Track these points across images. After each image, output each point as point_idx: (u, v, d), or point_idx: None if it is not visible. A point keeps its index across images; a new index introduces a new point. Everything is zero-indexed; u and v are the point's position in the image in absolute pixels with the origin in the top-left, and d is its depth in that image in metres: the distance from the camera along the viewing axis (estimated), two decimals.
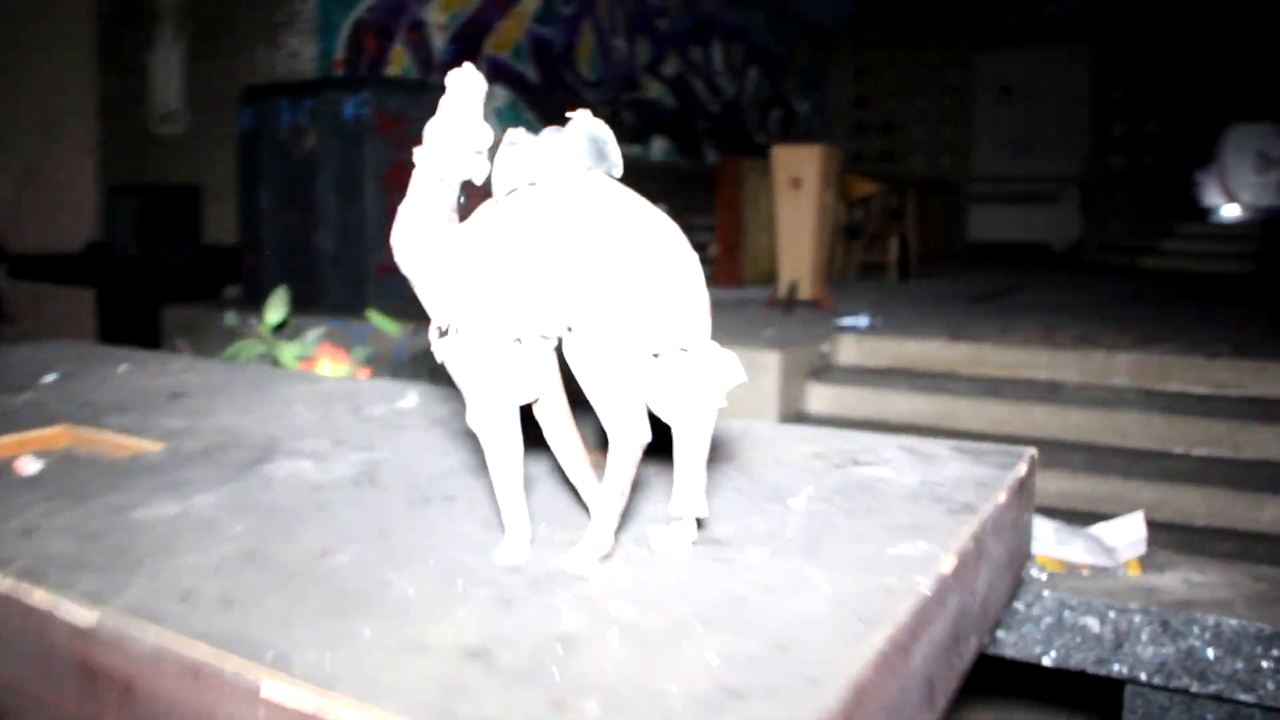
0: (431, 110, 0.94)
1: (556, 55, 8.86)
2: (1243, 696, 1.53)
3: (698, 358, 0.89)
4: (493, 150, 0.95)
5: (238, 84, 7.20)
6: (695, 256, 0.89)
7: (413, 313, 1.43)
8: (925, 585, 0.88)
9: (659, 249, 0.87)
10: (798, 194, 6.02)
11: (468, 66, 0.97)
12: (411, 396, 1.69)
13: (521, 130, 0.93)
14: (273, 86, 6.56)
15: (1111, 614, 1.65)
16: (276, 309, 2.96)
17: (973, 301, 7.45)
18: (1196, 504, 3.91)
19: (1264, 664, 1.56)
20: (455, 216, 0.99)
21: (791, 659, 0.74)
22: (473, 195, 1.01)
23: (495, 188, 0.92)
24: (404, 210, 0.98)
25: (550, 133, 0.91)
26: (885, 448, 1.39)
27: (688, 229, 0.95)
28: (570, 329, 0.90)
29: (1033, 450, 1.37)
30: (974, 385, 5.01)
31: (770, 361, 4.71)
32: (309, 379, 1.89)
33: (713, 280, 7.25)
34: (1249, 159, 9.96)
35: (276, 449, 1.34)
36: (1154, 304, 7.46)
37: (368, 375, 2.58)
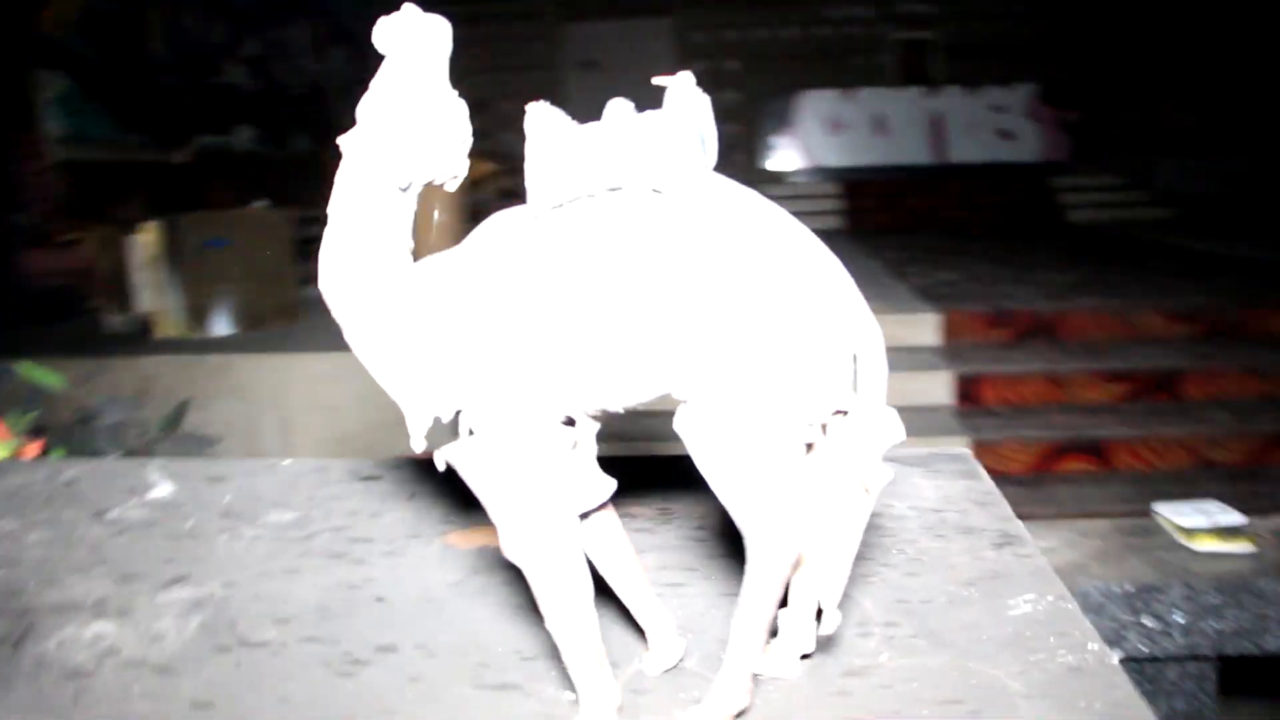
0: None
1: (120, 34, 7.71)
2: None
3: (861, 421, 0.67)
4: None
5: None
6: (852, 282, 0.67)
7: (78, 347, 1.07)
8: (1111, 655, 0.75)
9: (816, 277, 0.64)
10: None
11: (411, 8, 0.67)
12: (160, 481, 1.29)
13: (559, 118, 0.65)
14: None
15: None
16: None
17: None
18: None
19: (1127, 619, 1.61)
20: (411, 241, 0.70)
21: None
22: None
23: (539, 195, 0.64)
24: (337, 234, 0.67)
25: (625, 110, 0.65)
26: None
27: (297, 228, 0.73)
28: (682, 395, 0.65)
29: (966, 449, 1.29)
30: None
31: None
32: None
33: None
34: (821, 123, 11.02)
35: (39, 610, 0.94)
36: None
37: (38, 451, 1.99)
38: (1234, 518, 1.83)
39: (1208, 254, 6.62)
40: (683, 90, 0.64)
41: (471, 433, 0.67)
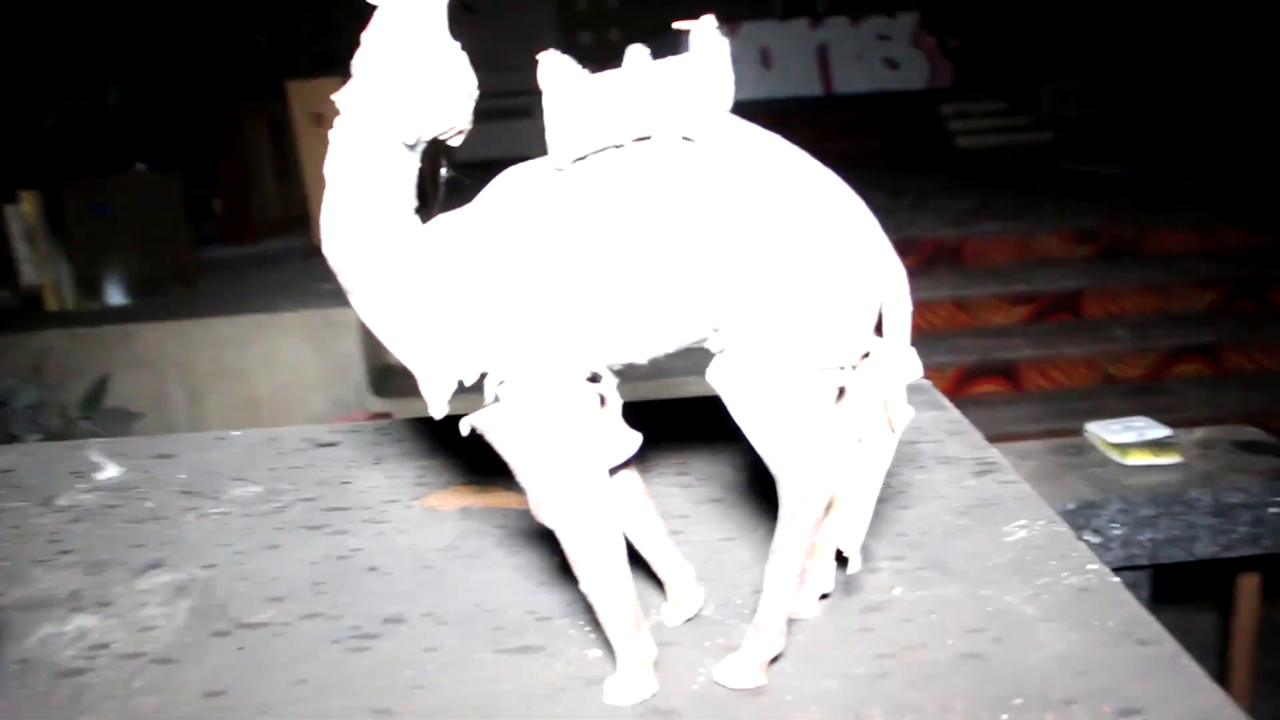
0: None
1: None
2: None
3: (886, 360, 0.67)
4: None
5: None
6: (876, 223, 0.66)
7: None
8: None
9: (845, 220, 0.63)
10: (322, 132, 5.50)
11: None
12: (105, 462, 1.24)
13: (572, 66, 0.63)
14: None
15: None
16: None
17: None
18: None
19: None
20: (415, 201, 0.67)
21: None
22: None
23: (561, 148, 0.61)
24: (339, 196, 0.64)
25: (641, 56, 0.62)
26: None
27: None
28: (716, 343, 0.64)
29: (927, 380, 1.32)
30: None
31: (349, 318, 4.31)
32: None
33: (219, 239, 6.45)
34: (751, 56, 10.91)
35: (9, 607, 0.91)
36: None
37: None
38: (1161, 431, 1.91)
39: (1094, 175, 6.84)
40: (707, 34, 0.62)
41: (498, 396, 0.65)
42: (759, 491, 1.02)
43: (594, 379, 0.66)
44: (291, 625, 0.82)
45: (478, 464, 1.16)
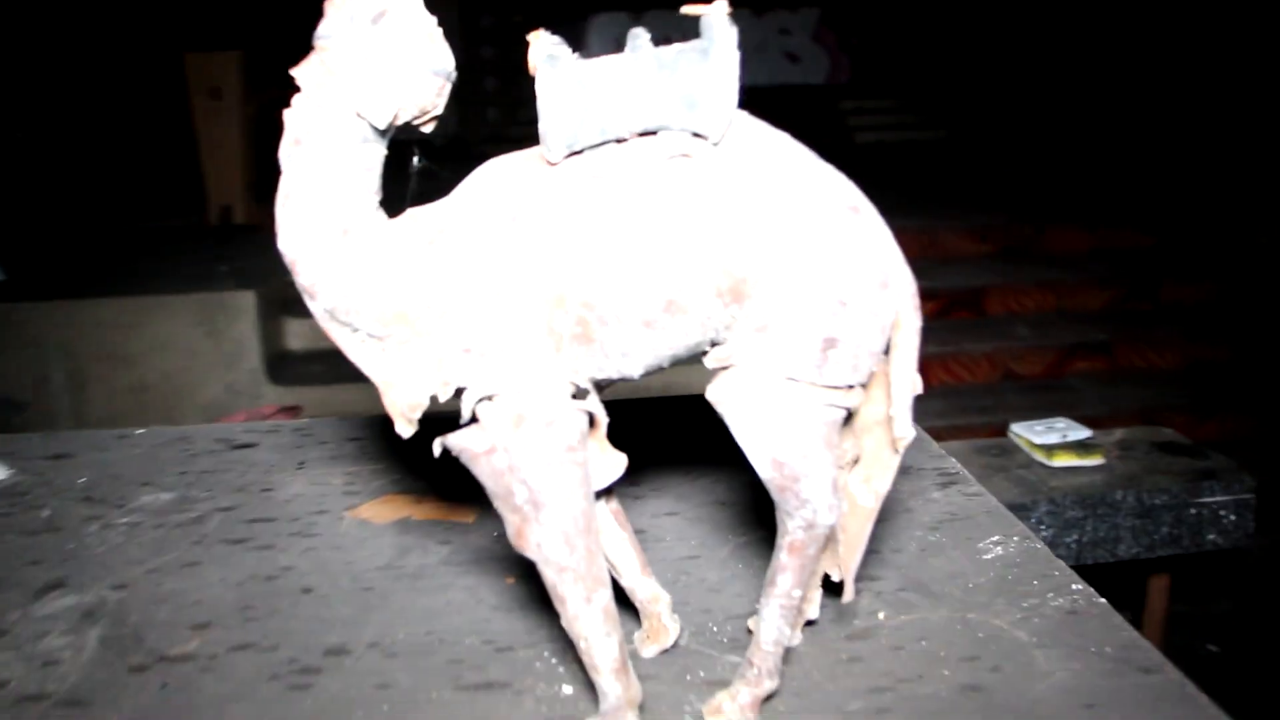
0: None
1: None
2: None
3: (895, 379, 0.62)
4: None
5: None
6: (891, 236, 0.61)
7: None
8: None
9: (867, 231, 0.58)
10: (218, 106, 5.25)
11: None
12: None
13: (565, 50, 0.56)
14: None
15: None
16: None
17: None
18: None
19: None
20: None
21: None
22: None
23: (555, 140, 0.55)
24: (300, 186, 0.56)
25: (643, 41, 0.56)
26: None
27: None
28: (716, 357, 0.58)
29: None
30: None
31: (245, 302, 4.13)
32: None
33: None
34: (611, 46, 10.89)
35: None
36: None
37: None
38: (1083, 432, 1.93)
39: (992, 172, 6.99)
40: (719, 21, 0.55)
41: (475, 415, 0.58)
42: (717, 503, 0.97)
43: (578, 394, 0.59)
44: (220, 658, 0.74)
45: (410, 470, 1.08)
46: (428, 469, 1.08)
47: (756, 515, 0.94)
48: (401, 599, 0.82)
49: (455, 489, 1.03)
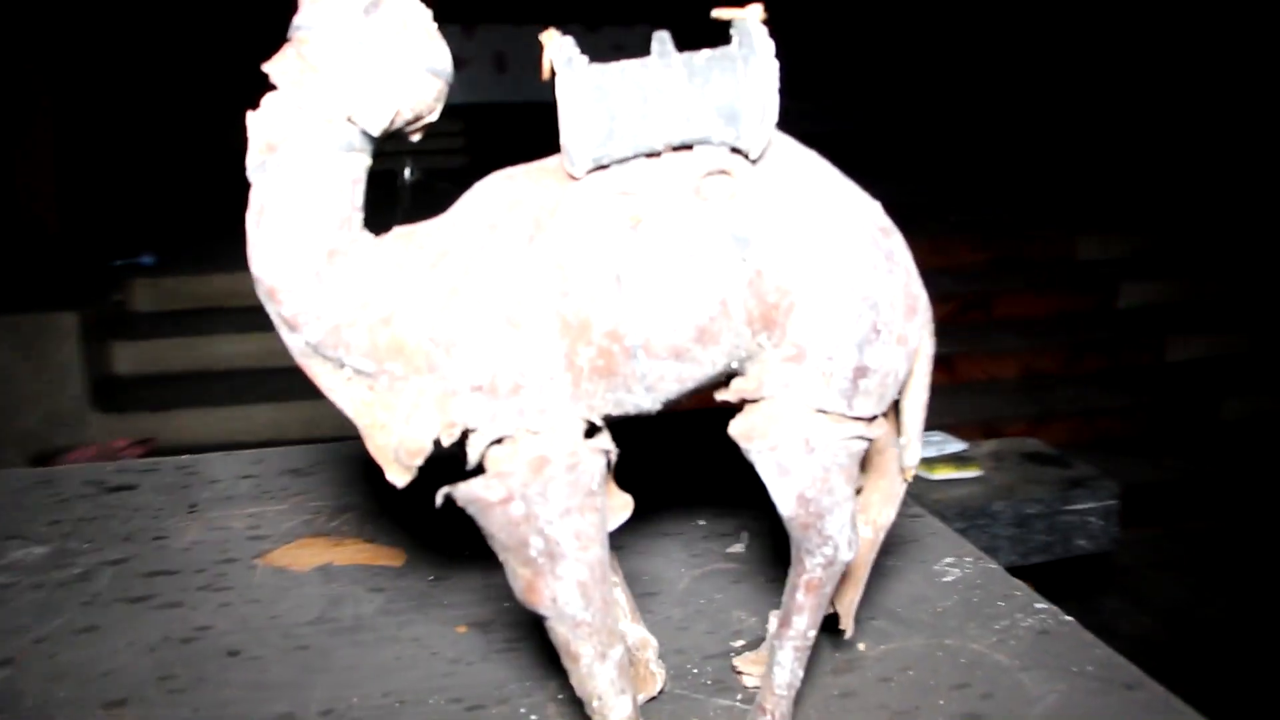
0: None
1: None
2: None
3: (907, 409, 0.60)
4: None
5: None
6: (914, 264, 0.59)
7: None
8: None
9: (898, 262, 0.56)
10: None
11: None
12: None
13: (582, 59, 0.52)
14: None
15: None
16: None
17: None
18: None
19: None
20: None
21: None
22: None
23: (580, 152, 0.50)
24: (278, 201, 0.49)
25: (670, 46, 0.52)
26: None
27: None
28: (737, 389, 0.55)
29: None
30: None
31: (67, 324, 3.83)
32: None
33: None
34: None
35: None
36: None
37: None
38: (959, 445, 1.99)
39: None
40: (756, 27, 0.52)
41: (483, 461, 0.52)
42: (663, 534, 0.93)
43: (591, 432, 0.54)
44: None
45: (320, 509, 1.00)
46: (341, 506, 1.00)
47: (706, 545, 0.91)
48: (344, 657, 0.74)
49: (376, 527, 0.95)
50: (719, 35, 0.55)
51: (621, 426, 0.56)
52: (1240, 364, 4.29)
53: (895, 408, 0.61)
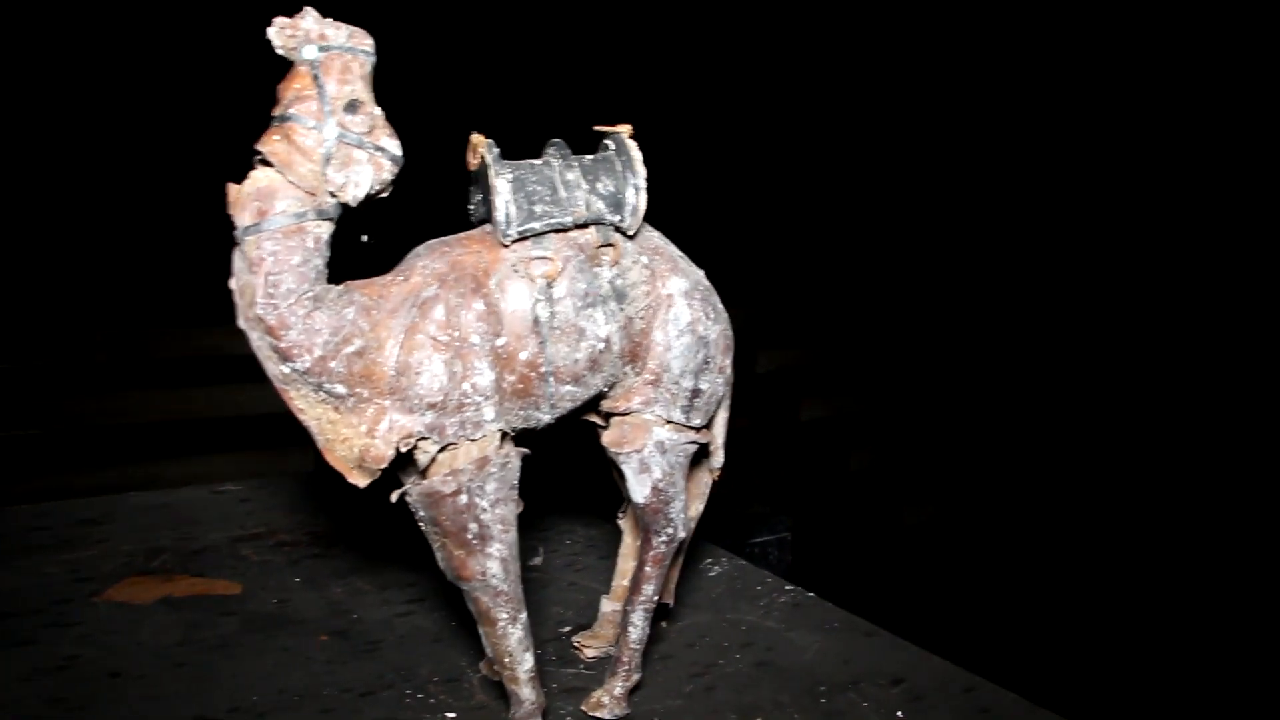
0: None
1: None
2: None
3: (717, 424, 0.82)
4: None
5: None
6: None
7: None
8: None
9: (721, 311, 0.77)
10: None
11: (314, 15, 0.64)
12: None
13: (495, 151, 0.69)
14: None
15: None
16: None
17: None
18: None
19: None
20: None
21: None
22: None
23: (508, 226, 0.68)
24: (272, 259, 0.62)
25: (566, 150, 0.71)
26: None
27: None
28: (616, 407, 0.73)
29: None
30: None
31: None
32: None
33: None
34: None
35: None
36: None
37: None
38: None
39: None
40: (629, 140, 0.71)
41: (431, 461, 0.66)
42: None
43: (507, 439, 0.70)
44: None
45: (130, 552, 1.04)
46: (153, 550, 1.04)
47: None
48: (226, 668, 0.82)
49: (198, 565, 1.01)
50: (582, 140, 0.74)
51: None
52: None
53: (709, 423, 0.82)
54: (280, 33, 0.62)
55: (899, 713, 0.80)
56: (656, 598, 0.78)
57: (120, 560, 1.02)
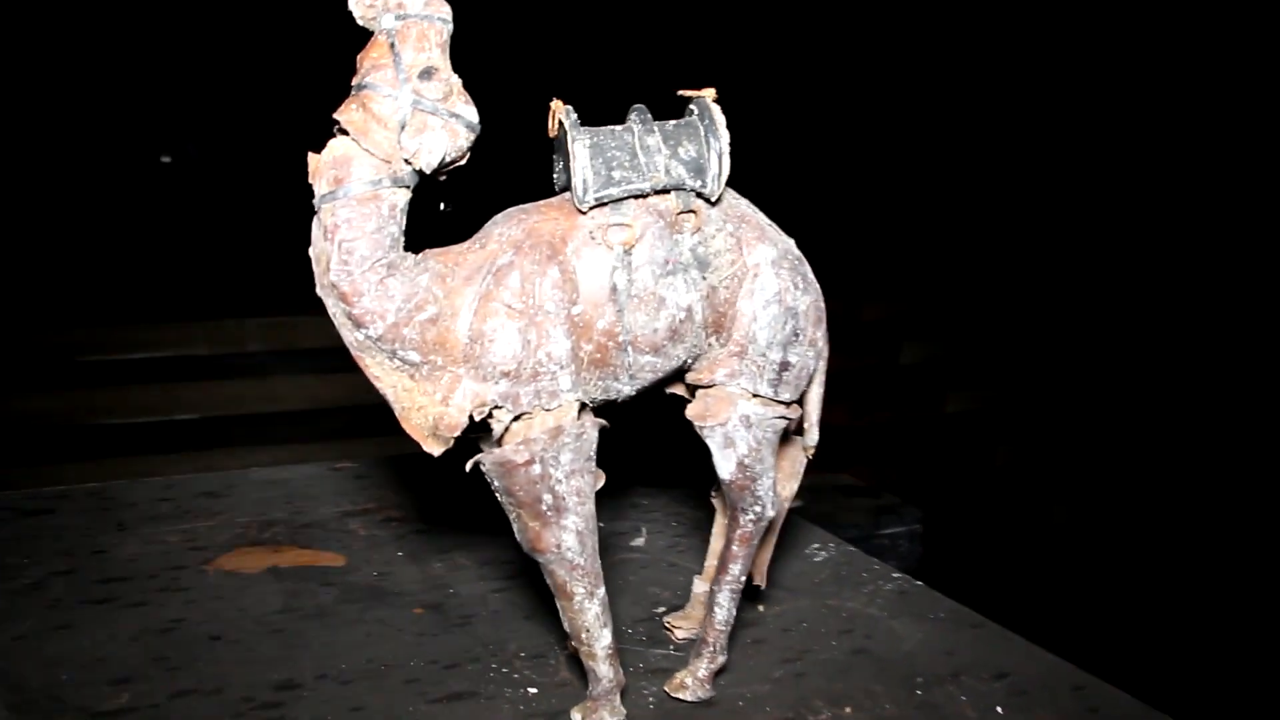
0: None
1: None
2: None
3: (811, 400, 0.78)
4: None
5: None
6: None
7: None
8: None
9: (813, 280, 0.74)
10: None
11: None
12: None
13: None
14: None
15: None
16: None
17: None
18: None
19: None
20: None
21: None
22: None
23: (587, 192, 0.66)
24: (347, 226, 0.62)
25: (645, 116, 0.68)
26: None
27: None
28: (703, 380, 0.71)
29: None
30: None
31: None
32: None
33: None
34: None
35: None
36: None
37: None
38: None
39: None
40: (713, 104, 0.69)
41: (505, 430, 0.65)
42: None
43: (585, 410, 0.68)
44: (165, 706, 0.72)
45: (245, 523, 1.07)
46: (267, 522, 1.08)
47: (610, 541, 1.04)
48: (318, 636, 0.83)
49: (307, 537, 1.04)
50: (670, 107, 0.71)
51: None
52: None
53: (801, 399, 0.78)
54: (359, 3, 0.62)
55: (998, 708, 0.75)
56: (744, 578, 0.76)
57: (234, 531, 1.05)
